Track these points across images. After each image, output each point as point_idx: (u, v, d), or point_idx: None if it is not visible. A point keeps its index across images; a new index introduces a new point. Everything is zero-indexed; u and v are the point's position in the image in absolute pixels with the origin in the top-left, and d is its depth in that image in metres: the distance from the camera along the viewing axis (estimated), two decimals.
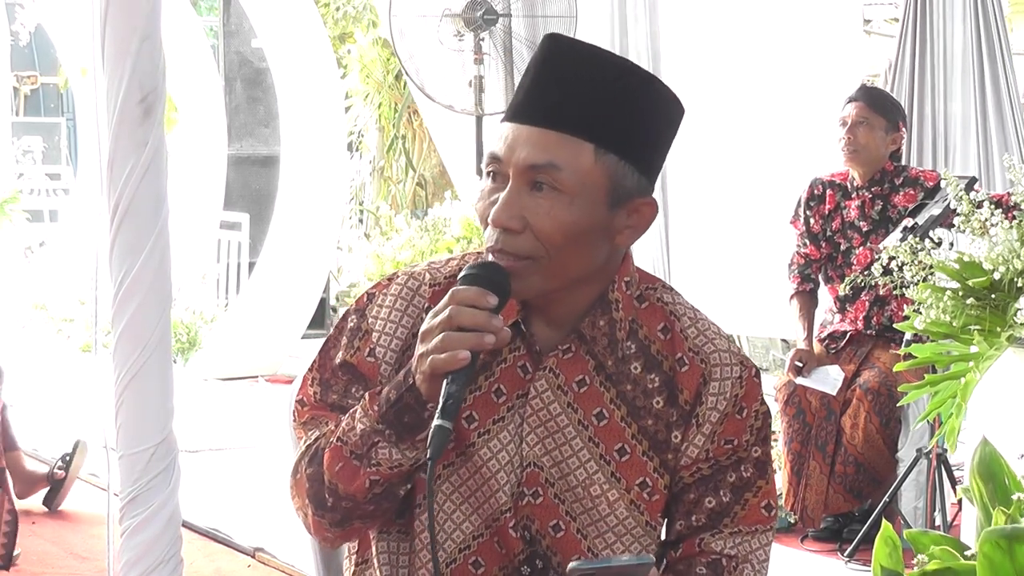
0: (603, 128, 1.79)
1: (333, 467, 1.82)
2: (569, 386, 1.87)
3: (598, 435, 1.87)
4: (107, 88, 2.59)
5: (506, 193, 1.79)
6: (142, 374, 2.61)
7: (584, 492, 1.87)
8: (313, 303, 8.54)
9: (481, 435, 1.87)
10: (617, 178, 1.80)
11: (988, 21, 6.20)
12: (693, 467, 1.89)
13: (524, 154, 1.78)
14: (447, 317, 1.73)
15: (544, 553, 1.88)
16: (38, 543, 4.92)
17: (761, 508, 1.91)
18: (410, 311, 1.90)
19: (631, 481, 1.87)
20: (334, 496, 1.84)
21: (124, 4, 2.56)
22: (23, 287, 10.24)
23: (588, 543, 1.88)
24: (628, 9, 7.21)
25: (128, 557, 2.67)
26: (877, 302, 4.95)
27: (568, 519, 1.88)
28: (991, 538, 2.21)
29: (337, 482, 1.82)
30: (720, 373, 1.88)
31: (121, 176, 2.59)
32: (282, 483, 1.99)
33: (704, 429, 1.88)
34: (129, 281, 2.59)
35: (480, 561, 1.89)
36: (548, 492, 1.87)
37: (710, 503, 1.89)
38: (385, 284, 1.94)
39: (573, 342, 1.87)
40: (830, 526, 4.94)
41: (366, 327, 1.91)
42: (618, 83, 1.80)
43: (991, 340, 2.94)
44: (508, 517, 1.87)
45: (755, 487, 1.90)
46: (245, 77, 11.44)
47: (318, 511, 1.86)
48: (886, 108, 5.00)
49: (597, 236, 1.82)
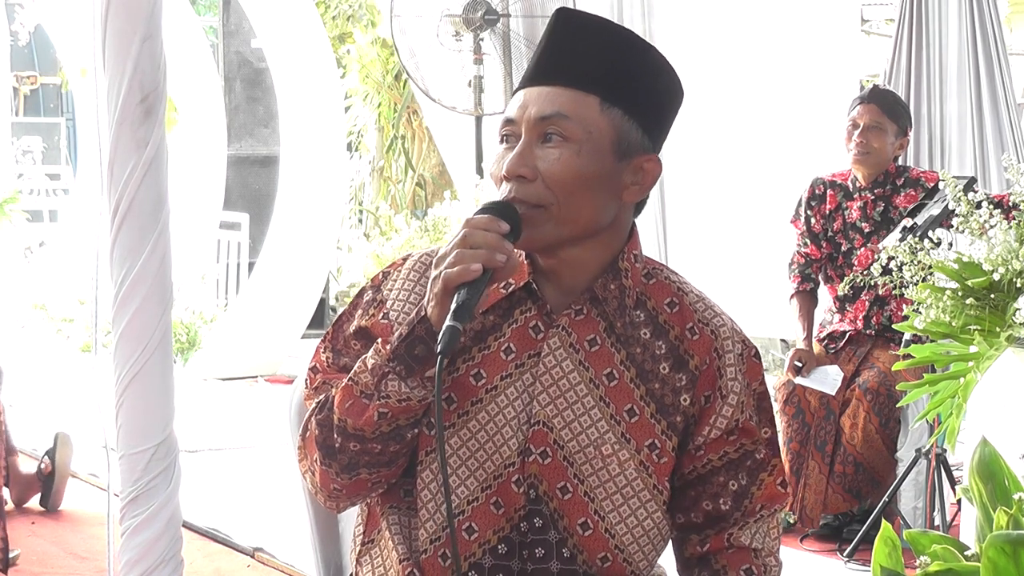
0: (608, 83, 1.89)
1: (343, 404, 1.87)
2: (581, 344, 1.92)
3: (608, 395, 1.91)
4: (108, 88, 2.60)
5: (519, 146, 1.89)
6: (143, 374, 2.62)
7: (595, 452, 1.90)
8: (313, 303, 8.54)
9: (488, 391, 1.90)
10: (622, 131, 1.90)
11: (984, 21, 6.20)
12: (722, 448, 1.95)
13: (535, 109, 1.89)
14: (460, 237, 1.81)
15: (550, 515, 1.90)
16: (38, 543, 4.92)
17: (777, 485, 1.98)
18: (422, 282, 1.96)
19: (640, 442, 1.91)
20: (343, 435, 1.87)
21: (125, 4, 2.56)
22: (23, 287, 10.23)
23: (595, 505, 1.91)
24: (625, 9, 7.22)
25: (128, 557, 2.68)
26: (877, 302, 4.96)
27: (576, 481, 1.90)
28: (996, 542, 2.21)
29: (347, 418, 1.86)
30: (731, 346, 1.96)
31: (122, 176, 2.59)
32: (282, 483, 2.01)
33: (731, 400, 1.94)
34: (130, 281, 2.60)
35: (473, 527, 1.90)
36: (557, 454, 1.90)
37: (733, 486, 1.96)
38: (400, 263, 2.00)
39: (585, 303, 1.93)
40: (829, 524, 4.95)
41: (381, 298, 1.97)
42: (624, 46, 1.91)
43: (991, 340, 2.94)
44: (512, 471, 1.89)
45: (769, 466, 1.98)
46: (245, 77, 11.45)
47: (326, 459, 1.89)
48: (897, 113, 5.00)
49: (605, 187, 1.90)
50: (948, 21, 6.24)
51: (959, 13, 6.20)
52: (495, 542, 1.90)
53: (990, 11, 6.21)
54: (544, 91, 1.89)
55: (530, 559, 1.90)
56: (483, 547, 1.90)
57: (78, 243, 10.17)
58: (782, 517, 2.04)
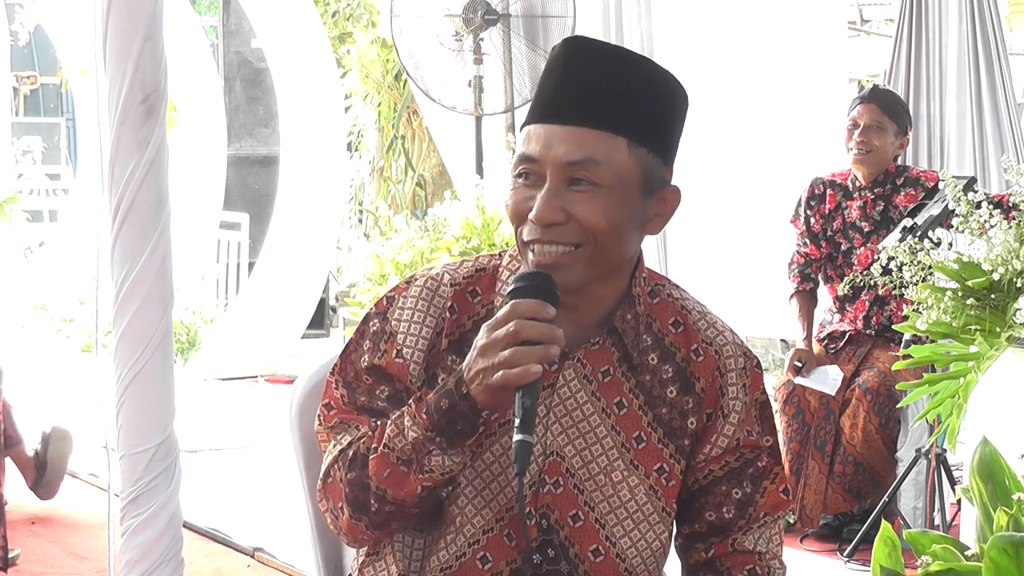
0: (635, 123, 1.86)
1: (381, 473, 1.84)
2: (595, 375, 1.92)
3: (619, 424, 1.92)
4: (109, 88, 2.60)
5: (546, 191, 1.84)
6: (143, 374, 2.62)
7: (605, 479, 1.91)
8: (313, 303, 8.54)
9: (502, 424, 1.89)
10: (648, 169, 1.88)
11: (984, 20, 6.19)
12: (722, 459, 1.96)
13: (562, 151, 1.83)
14: (513, 331, 1.76)
15: (560, 544, 1.91)
16: (38, 543, 4.92)
17: (780, 493, 1.99)
18: (432, 311, 1.93)
19: (649, 467, 1.93)
20: (380, 501, 1.86)
21: (126, 4, 2.56)
22: (23, 287, 10.23)
23: (606, 532, 1.92)
24: (624, 10, 7.22)
25: (129, 557, 2.68)
26: (877, 302, 4.96)
27: (587, 509, 1.91)
28: (999, 544, 2.21)
29: (386, 488, 1.85)
30: (733, 364, 1.96)
31: (123, 176, 2.59)
32: (282, 483, 2.01)
33: (732, 419, 1.95)
34: (131, 281, 2.60)
35: (488, 556, 1.91)
36: (568, 482, 1.91)
37: (737, 494, 1.97)
38: (404, 287, 1.96)
39: (603, 336, 1.92)
40: (829, 524, 4.95)
41: (390, 329, 1.93)
42: (645, 79, 1.88)
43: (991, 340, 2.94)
44: (526, 503, 1.89)
45: (772, 474, 1.98)
46: (245, 77, 11.44)
47: (356, 514, 1.88)
48: (897, 112, 5.00)
49: (633, 225, 1.89)
50: (948, 21, 6.24)
51: (959, 13, 6.19)
52: (507, 573, 1.91)
53: (990, 11, 6.20)
54: (569, 131, 1.84)
55: None
56: None
57: (78, 243, 10.17)
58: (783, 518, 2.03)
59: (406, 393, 1.91)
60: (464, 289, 1.93)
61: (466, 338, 1.90)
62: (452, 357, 1.92)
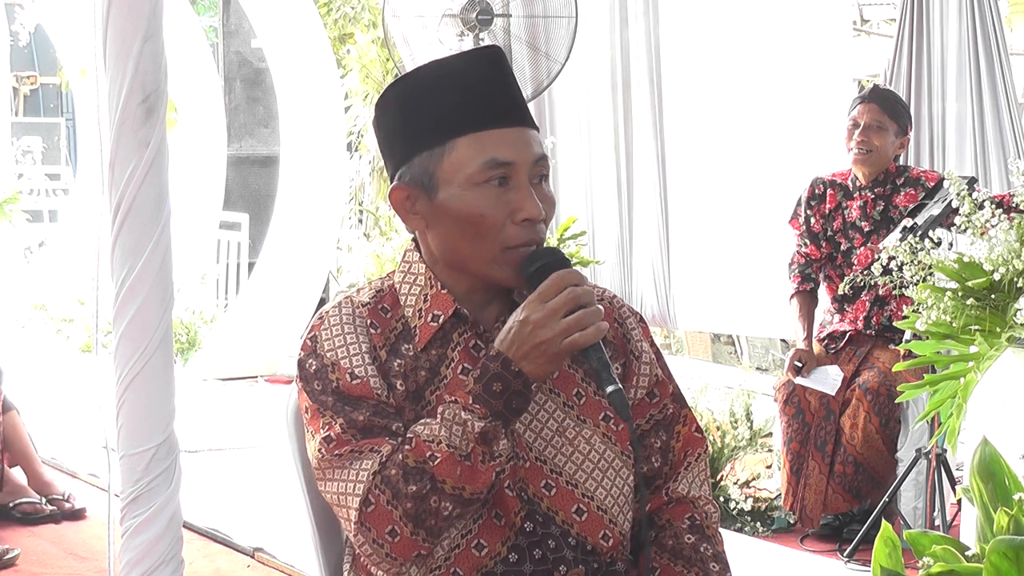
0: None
1: (454, 473, 1.86)
2: None
3: (556, 386, 2.00)
4: (109, 88, 2.60)
5: (528, 190, 1.94)
6: (144, 374, 2.62)
7: (561, 439, 1.98)
8: (313, 303, 8.54)
9: None
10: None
11: (985, 20, 6.19)
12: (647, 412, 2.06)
13: (532, 151, 1.95)
14: (572, 296, 1.85)
15: (545, 513, 1.95)
16: (38, 543, 4.92)
17: (693, 432, 2.10)
18: (359, 330, 1.98)
19: (596, 418, 2.01)
20: (456, 501, 1.87)
21: (126, 5, 2.56)
22: (23, 287, 10.24)
23: (580, 490, 1.98)
24: (627, 9, 7.22)
25: (129, 557, 2.68)
26: (877, 302, 4.96)
27: (555, 475, 1.97)
28: (999, 547, 2.21)
29: (464, 484, 1.87)
30: (628, 312, 2.10)
31: (123, 176, 2.59)
32: (282, 483, 2.01)
33: (644, 359, 2.08)
34: (131, 281, 2.60)
35: (482, 543, 1.93)
36: (529, 455, 1.96)
37: (656, 444, 2.08)
38: (319, 323, 2.01)
39: (506, 312, 1.98)
40: (829, 524, 4.95)
41: (329, 361, 1.96)
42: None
43: (991, 340, 2.94)
44: (503, 478, 1.93)
45: (681, 417, 2.10)
46: (245, 77, 11.45)
47: (417, 529, 1.87)
48: (898, 112, 5.00)
49: None
50: (948, 21, 6.24)
51: (959, 13, 6.19)
52: (505, 552, 1.94)
53: (990, 11, 6.20)
54: (525, 133, 1.96)
55: (542, 559, 1.94)
56: (494, 559, 1.94)
57: (78, 243, 10.18)
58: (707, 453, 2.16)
59: (384, 406, 1.94)
60: (375, 307, 2.00)
61: (396, 347, 1.97)
62: (397, 362, 1.97)
